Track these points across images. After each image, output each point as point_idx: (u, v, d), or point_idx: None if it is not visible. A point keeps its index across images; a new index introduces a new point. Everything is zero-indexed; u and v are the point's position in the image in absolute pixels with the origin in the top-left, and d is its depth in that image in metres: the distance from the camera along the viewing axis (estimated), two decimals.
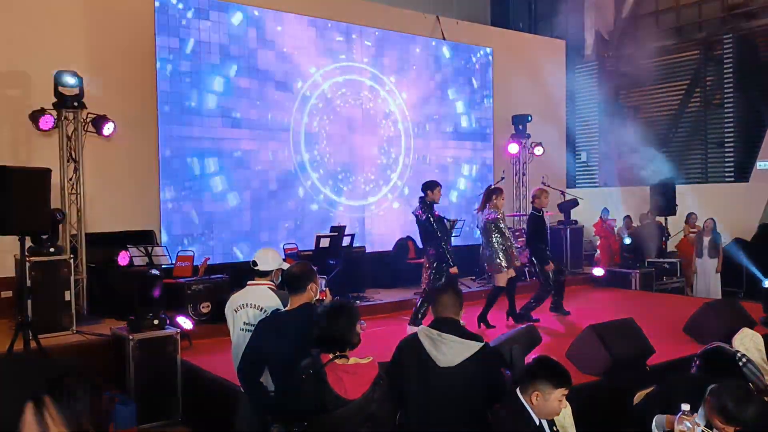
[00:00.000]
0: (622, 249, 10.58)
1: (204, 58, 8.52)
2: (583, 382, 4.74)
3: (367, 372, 2.89)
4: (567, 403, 3.13)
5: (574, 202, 11.32)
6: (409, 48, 10.66)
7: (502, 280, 7.23)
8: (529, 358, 4.46)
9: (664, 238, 11.27)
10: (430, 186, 6.79)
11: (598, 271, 10.37)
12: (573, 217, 11.47)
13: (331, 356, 2.89)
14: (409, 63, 10.64)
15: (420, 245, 7.53)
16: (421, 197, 6.82)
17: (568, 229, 11.08)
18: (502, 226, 7.18)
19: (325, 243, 8.23)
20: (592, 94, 14.11)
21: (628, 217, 11.40)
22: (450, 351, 3.27)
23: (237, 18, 8.81)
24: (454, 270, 6.69)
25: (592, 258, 12.12)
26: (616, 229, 11.50)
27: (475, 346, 3.30)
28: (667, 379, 3.47)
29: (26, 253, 5.75)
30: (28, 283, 6.05)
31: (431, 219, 6.68)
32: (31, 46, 7.67)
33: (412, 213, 6.97)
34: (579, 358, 5.12)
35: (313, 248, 8.23)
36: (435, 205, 6.80)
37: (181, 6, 8.31)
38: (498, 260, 7.15)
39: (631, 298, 9.26)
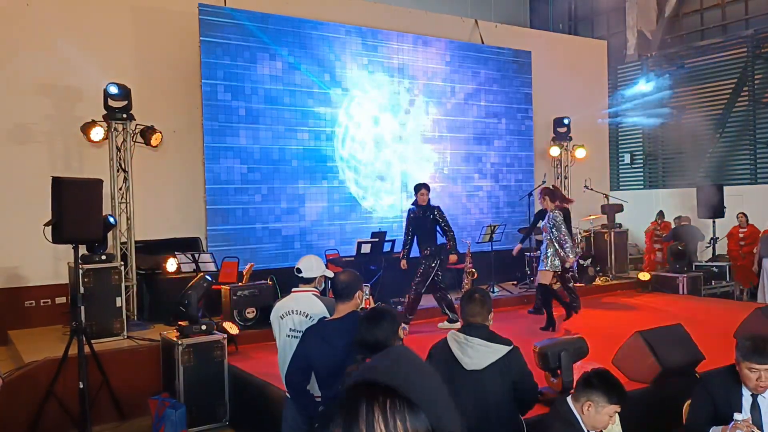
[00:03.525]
0: (669, 253, 10.35)
1: (248, 69, 8.68)
2: (631, 390, 4.66)
3: None
4: (618, 418, 3.10)
5: (619, 207, 11.11)
6: (447, 53, 10.65)
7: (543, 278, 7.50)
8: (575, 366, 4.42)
9: (711, 241, 10.99)
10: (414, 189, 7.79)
11: (644, 276, 10.17)
12: (617, 220, 11.28)
13: None
14: (447, 68, 10.63)
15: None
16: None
17: (613, 233, 10.89)
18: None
19: (366, 249, 8.28)
20: (635, 95, 13.84)
21: (678, 217, 11.15)
22: (476, 354, 3.28)
23: (279, 28, 8.95)
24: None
25: (638, 262, 11.90)
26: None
27: (502, 350, 3.30)
28: (702, 378, 3.44)
29: (79, 261, 5.94)
30: (81, 289, 6.25)
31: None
32: (81, 61, 7.93)
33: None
34: (626, 365, 5.03)
35: (355, 254, 8.29)
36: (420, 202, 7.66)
37: (225, 17, 8.49)
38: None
39: (679, 303, 9.05)
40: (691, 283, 9.72)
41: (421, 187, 7.71)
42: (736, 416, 2.97)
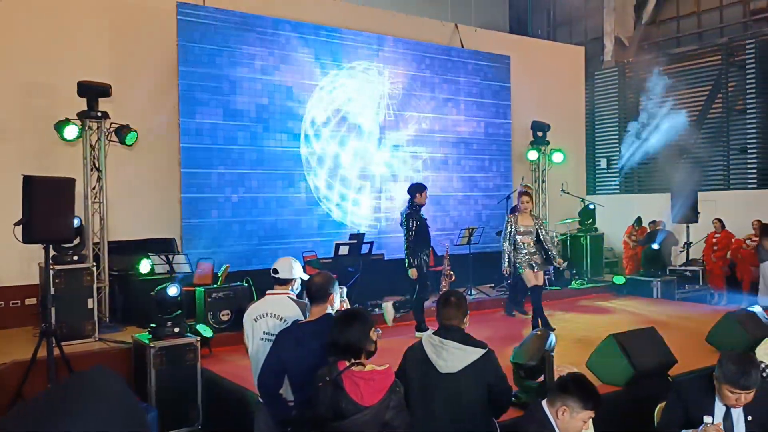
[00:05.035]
0: (643, 257, 10.47)
1: (226, 69, 8.60)
2: (604, 393, 4.69)
3: (384, 379, 2.90)
4: (591, 422, 3.11)
5: (593, 209, 11.24)
6: (427, 56, 10.67)
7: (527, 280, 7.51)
8: None
9: (685, 246, 11.14)
10: (418, 189, 7.05)
11: (618, 279, 10.27)
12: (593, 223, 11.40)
13: (347, 363, 2.91)
14: (426, 71, 10.65)
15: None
16: (409, 200, 7.11)
17: (588, 236, 10.99)
18: (510, 229, 7.49)
19: (344, 251, 8.24)
20: (612, 100, 14.01)
21: (653, 222, 11.28)
22: (451, 357, 3.27)
23: (258, 28, 8.89)
24: (412, 272, 6.98)
25: (613, 265, 12.03)
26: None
27: (476, 353, 3.29)
28: (677, 384, 3.47)
29: (50, 262, 5.82)
30: (52, 290, 6.13)
31: (409, 222, 6.96)
32: (56, 57, 7.81)
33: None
34: (600, 368, 5.07)
35: (333, 256, 8.25)
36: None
37: (204, 17, 8.41)
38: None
39: (653, 306, 9.14)
40: (665, 286, 9.84)
41: (424, 188, 7.10)
42: (706, 419, 3.00)
